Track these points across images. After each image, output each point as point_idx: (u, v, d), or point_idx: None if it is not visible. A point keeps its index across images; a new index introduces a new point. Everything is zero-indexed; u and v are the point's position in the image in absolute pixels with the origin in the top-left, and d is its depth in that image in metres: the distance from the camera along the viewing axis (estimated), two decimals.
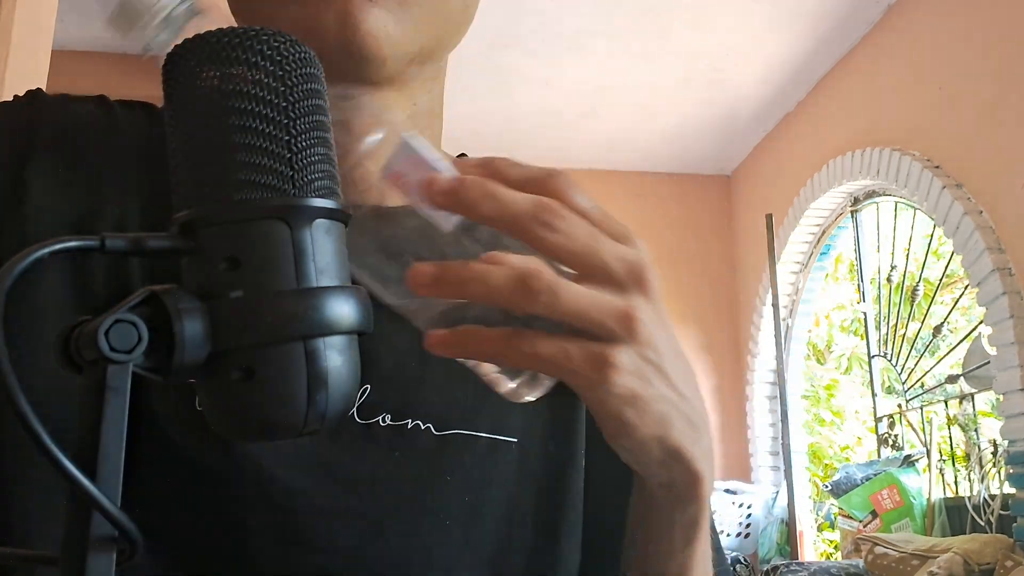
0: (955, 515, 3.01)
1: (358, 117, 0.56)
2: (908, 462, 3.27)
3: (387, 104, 0.56)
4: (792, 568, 3.09)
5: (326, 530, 0.51)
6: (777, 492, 3.99)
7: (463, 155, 0.69)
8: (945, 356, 3.91)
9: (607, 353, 0.38)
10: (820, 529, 4.47)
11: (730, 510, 3.92)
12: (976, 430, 3.15)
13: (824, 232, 4.09)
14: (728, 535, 3.89)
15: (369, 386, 0.53)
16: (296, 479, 0.51)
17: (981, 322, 2.86)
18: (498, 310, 0.39)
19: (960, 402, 3.23)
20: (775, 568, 3.17)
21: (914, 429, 3.48)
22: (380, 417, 0.52)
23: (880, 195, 3.65)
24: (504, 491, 0.54)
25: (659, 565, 0.47)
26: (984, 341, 2.96)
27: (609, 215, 0.41)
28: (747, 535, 3.92)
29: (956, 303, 4.21)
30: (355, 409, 0.52)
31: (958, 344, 3.66)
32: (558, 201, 0.40)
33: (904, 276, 3.64)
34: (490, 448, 0.54)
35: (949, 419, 3.26)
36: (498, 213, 0.38)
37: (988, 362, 2.87)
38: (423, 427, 0.53)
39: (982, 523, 2.82)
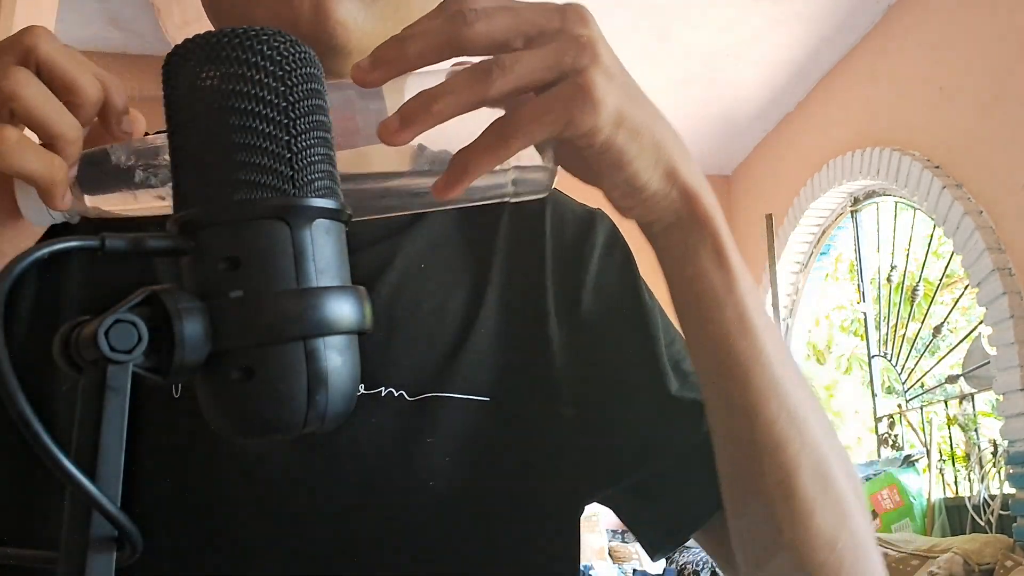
0: (955, 515, 3.01)
1: None
2: (908, 462, 3.27)
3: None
4: None
5: (309, 501, 0.52)
6: None
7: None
8: (945, 356, 3.91)
9: (581, 81, 0.38)
10: None
11: None
12: (976, 430, 3.15)
13: (824, 232, 4.09)
14: None
15: None
16: (276, 453, 0.52)
17: (981, 322, 2.86)
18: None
19: (960, 402, 3.23)
20: None
21: (914, 429, 3.48)
22: None
23: (880, 195, 3.65)
24: (482, 449, 0.55)
25: (713, 326, 0.45)
26: (984, 341, 2.96)
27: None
28: None
29: (956, 303, 4.21)
30: None
31: (958, 344, 3.66)
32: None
33: (904, 276, 3.64)
34: (464, 408, 0.55)
35: (949, 419, 3.26)
36: (422, 47, 0.38)
37: (988, 362, 2.87)
38: (396, 394, 0.54)
39: (982, 523, 2.82)
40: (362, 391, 0.53)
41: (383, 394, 0.54)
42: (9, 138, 0.39)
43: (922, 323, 3.65)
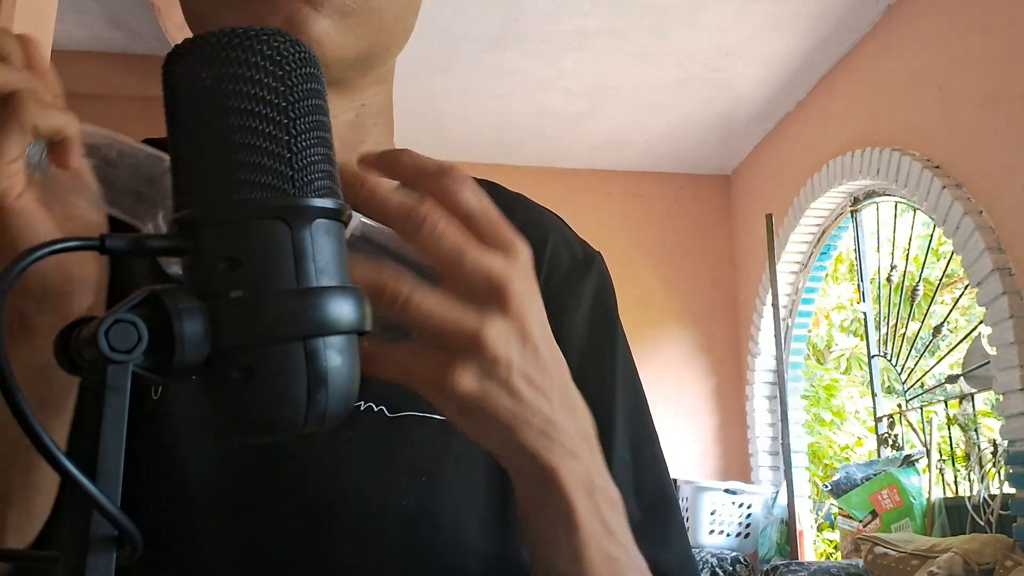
0: (955, 515, 3.01)
1: None
2: (908, 462, 3.27)
3: (332, 105, 0.58)
4: (792, 568, 3.09)
5: (277, 512, 0.52)
6: (777, 492, 3.99)
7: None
8: (945, 356, 3.91)
9: (448, 370, 0.38)
10: (820, 529, 4.47)
11: (730, 510, 3.92)
12: (976, 430, 3.15)
13: (824, 232, 4.09)
14: (728, 535, 3.89)
15: None
16: (245, 463, 0.52)
17: (981, 322, 2.86)
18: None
19: (960, 402, 3.23)
20: (775, 568, 3.17)
21: (914, 429, 3.48)
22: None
23: (880, 195, 3.65)
24: (457, 469, 0.55)
25: (548, 561, 0.45)
26: (984, 341, 2.96)
27: (496, 219, 0.41)
28: (747, 535, 3.92)
29: (956, 303, 4.21)
30: None
31: (958, 344, 3.66)
32: (444, 198, 0.40)
33: (904, 276, 3.64)
34: (441, 429, 0.55)
35: (949, 419, 3.26)
36: (372, 211, 0.39)
37: (988, 362, 2.87)
38: (376, 409, 0.54)
39: (982, 523, 2.82)
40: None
41: (362, 408, 0.54)
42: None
43: (922, 323, 3.65)
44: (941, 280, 4.13)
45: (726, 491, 3.95)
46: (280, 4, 0.53)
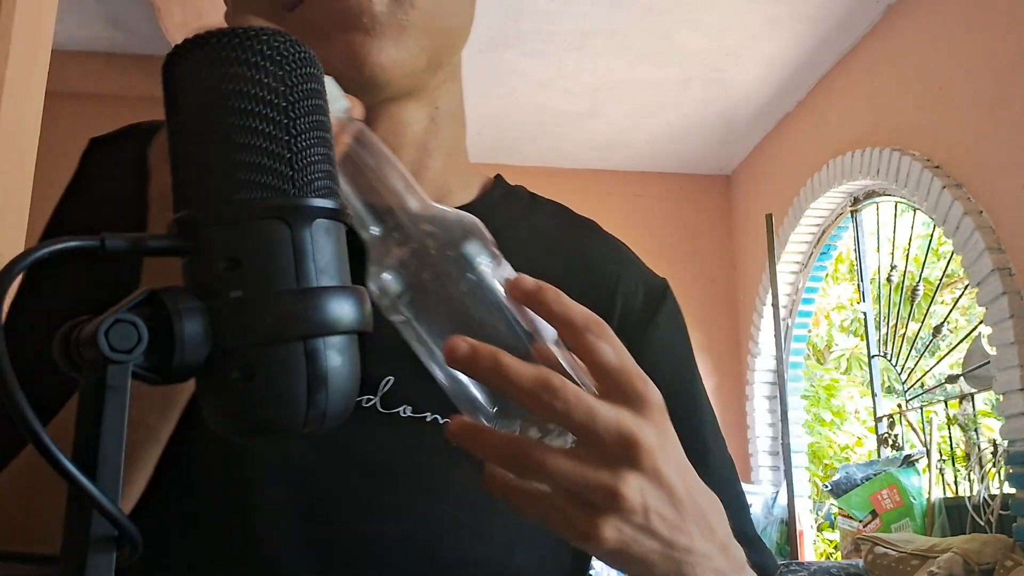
0: (955, 515, 3.01)
1: (379, 126, 0.58)
2: (908, 462, 3.27)
3: (407, 113, 0.60)
4: (792, 568, 3.09)
5: (340, 511, 0.53)
6: (777, 492, 3.99)
7: (498, 176, 0.71)
8: (945, 356, 3.91)
9: (588, 527, 0.41)
10: (820, 529, 4.47)
11: None
12: (976, 430, 3.15)
13: (824, 232, 4.09)
14: None
15: (392, 377, 0.55)
16: (316, 460, 0.53)
17: (981, 322, 2.86)
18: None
19: (960, 402, 3.23)
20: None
21: (914, 429, 3.48)
22: (401, 408, 0.55)
23: (880, 195, 3.65)
24: None
25: None
26: (984, 341, 2.96)
27: (630, 373, 0.43)
28: None
29: (956, 303, 4.21)
30: (378, 398, 0.55)
31: (958, 344, 3.66)
32: (586, 353, 0.43)
33: (904, 276, 3.64)
34: None
35: (949, 419, 3.25)
36: (503, 386, 0.41)
37: (988, 362, 2.87)
38: (441, 421, 0.55)
39: (982, 523, 2.82)
40: (409, 413, 0.55)
41: (428, 419, 0.55)
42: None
43: (922, 323, 3.65)
44: (941, 280, 4.13)
45: None
46: (336, 40, 0.53)
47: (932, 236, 4.25)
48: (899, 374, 3.56)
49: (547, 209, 0.72)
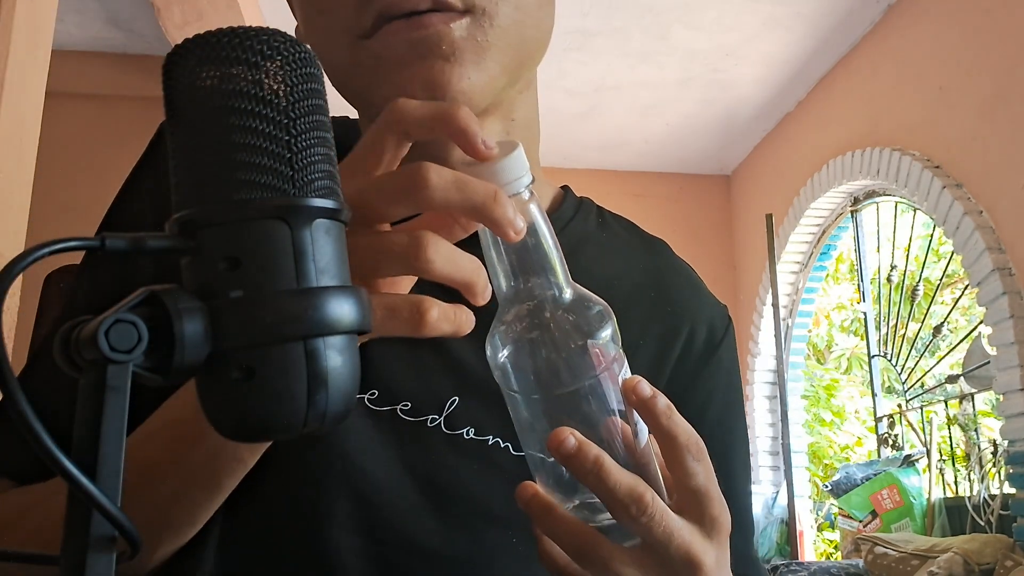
0: (955, 515, 3.01)
1: (456, 147, 0.57)
2: (908, 462, 3.27)
3: (486, 125, 0.59)
4: (792, 568, 3.09)
5: (402, 527, 0.54)
6: (777, 492, 3.99)
7: (566, 187, 0.71)
8: (945, 356, 3.91)
9: None
10: (820, 529, 4.47)
11: None
12: (976, 430, 3.15)
13: (824, 232, 4.09)
14: None
15: (457, 398, 0.56)
16: (381, 476, 0.54)
17: (981, 322, 2.86)
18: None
19: (960, 402, 3.23)
20: (775, 568, 3.18)
21: (914, 429, 3.48)
22: (465, 430, 0.56)
23: (880, 195, 3.65)
24: None
25: None
26: (984, 341, 2.96)
27: (708, 495, 0.46)
28: None
29: (956, 303, 4.21)
30: (443, 419, 0.56)
31: (958, 344, 3.66)
32: (678, 469, 0.45)
33: (904, 276, 3.64)
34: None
35: (949, 419, 3.26)
36: (599, 490, 0.42)
37: (988, 362, 2.87)
38: (503, 445, 0.56)
39: (982, 523, 2.82)
40: (472, 435, 0.56)
41: (490, 442, 0.56)
42: (429, 315, 0.40)
43: (922, 323, 3.65)
44: (941, 280, 4.13)
45: None
46: (416, 68, 0.52)
47: (932, 236, 4.25)
48: (899, 374, 3.56)
49: (618, 224, 0.72)
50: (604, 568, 0.43)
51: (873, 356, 3.85)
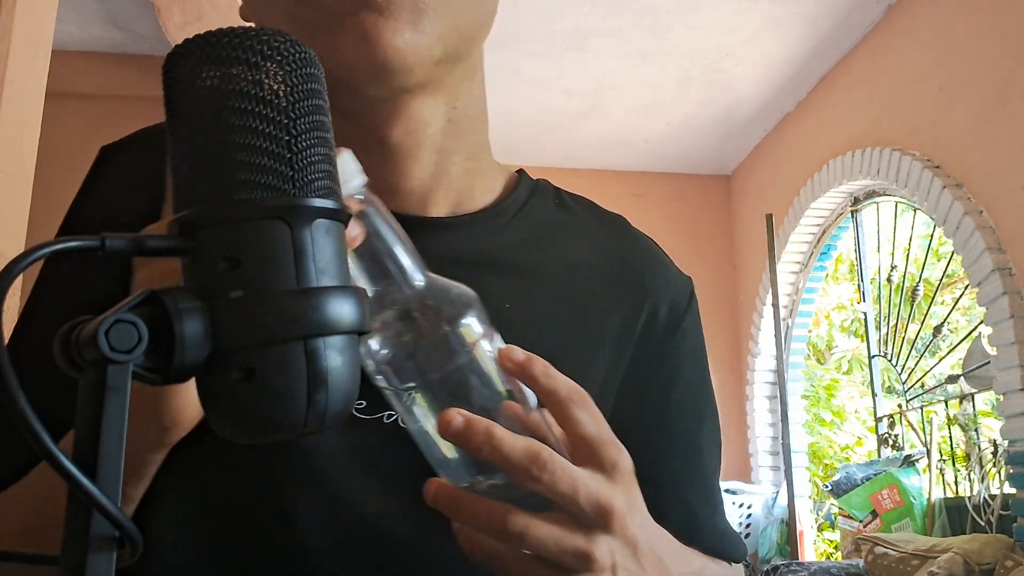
0: (955, 515, 3.01)
1: (396, 124, 0.57)
2: (908, 462, 3.27)
3: (424, 111, 0.58)
4: (792, 568, 3.09)
5: (373, 524, 0.54)
6: (777, 492, 3.99)
7: (520, 171, 0.71)
8: (945, 356, 3.91)
9: (589, 547, 0.45)
10: (820, 529, 4.47)
11: (730, 510, 3.92)
12: (976, 430, 3.15)
13: (824, 232, 4.08)
14: None
15: None
16: (341, 474, 0.54)
17: (981, 322, 2.86)
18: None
19: (960, 402, 3.23)
20: (775, 568, 3.17)
21: (914, 429, 3.48)
22: None
23: (880, 195, 3.65)
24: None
25: None
26: (984, 341, 2.96)
27: (605, 440, 0.47)
28: (747, 535, 3.92)
29: (956, 303, 4.21)
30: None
31: (958, 344, 3.66)
32: (567, 423, 0.46)
33: (904, 276, 3.64)
34: None
35: (949, 419, 3.25)
36: (495, 459, 0.43)
37: (988, 362, 2.87)
38: None
39: (982, 523, 2.82)
40: None
41: None
42: None
43: (922, 323, 3.65)
44: (941, 280, 4.13)
45: (726, 491, 3.95)
46: (349, 23, 0.51)
47: (932, 236, 4.25)
48: (899, 374, 3.56)
49: (577, 205, 0.72)
50: (523, 539, 0.43)
51: (873, 356, 3.85)
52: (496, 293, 0.60)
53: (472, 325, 0.46)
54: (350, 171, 0.43)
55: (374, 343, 0.45)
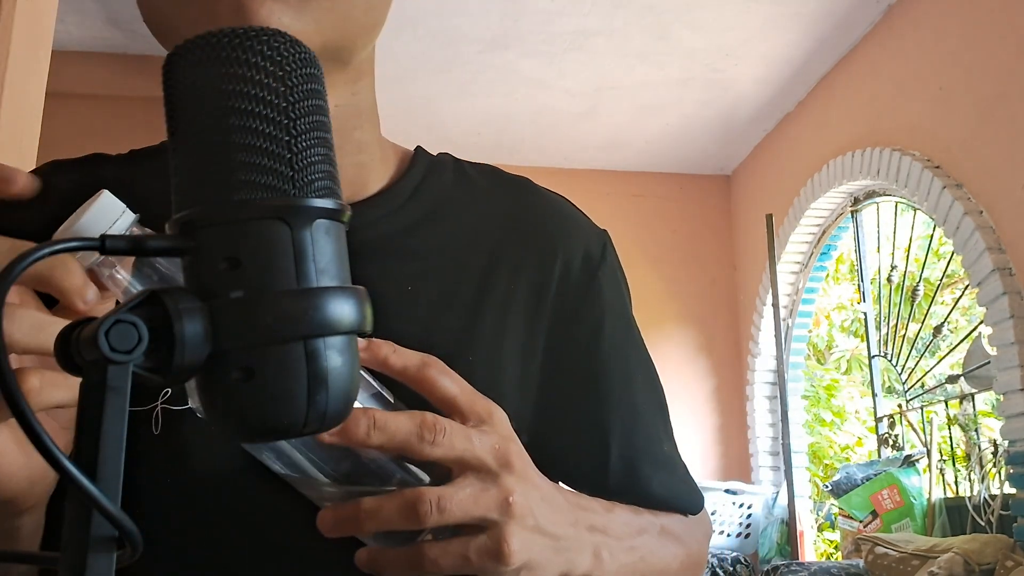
0: (955, 515, 3.01)
1: None
2: (908, 462, 3.27)
3: None
4: (792, 568, 3.09)
5: (284, 533, 0.53)
6: (777, 492, 3.99)
7: (417, 148, 0.68)
8: (945, 356, 3.91)
9: (497, 544, 0.45)
10: (820, 529, 4.47)
11: (730, 510, 3.92)
12: (976, 430, 3.15)
13: (824, 232, 4.08)
14: (728, 535, 3.89)
15: None
16: (257, 484, 0.53)
17: (981, 322, 2.86)
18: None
19: (960, 402, 3.23)
20: (775, 568, 3.17)
21: (914, 429, 3.48)
22: None
23: (880, 195, 3.65)
24: None
25: None
26: (984, 341, 2.96)
27: (471, 396, 0.47)
28: (747, 535, 3.92)
29: (956, 303, 4.21)
30: None
31: (958, 344, 3.66)
32: (429, 387, 0.46)
33: (904, 276, 3.64)
34: None
35: (949, 419, 3.25)
36: (387, 441, 0.43)
37: (988, 362, 2.87)
38: None
39: (982, 523, 2.82)
40: None
41: None
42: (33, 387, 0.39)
43: (922, 323, 3.65)
44: (941, 280, 4.13)
45: (726, 491, 3.95)
46: None
47: (932, 236, 4.25)
48: (899, 374, 3.56)
49: (478, 173, 0.69)
50: (443, 514, 0.43)
51: (873, 356, 3.85)
52: (397, 277, 0.59)
53: None
54: (116, 209, 0.40)
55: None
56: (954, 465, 3.25)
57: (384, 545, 0.46)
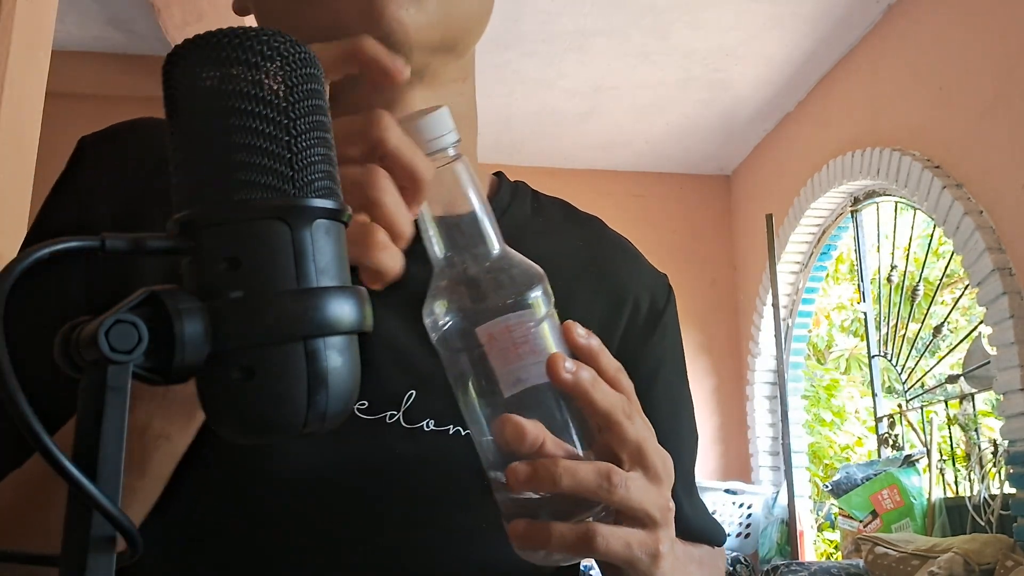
0: (955, 515, 3.01)
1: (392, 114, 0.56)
2: (908, 462, 3.27)
3: (419, 103, 0.58)
4: (792, 568, 3.09)
5: (353, 522, 0.54)
6: (777, 492, 3.99)
7: (499, 173, 0.71)
8: (945, 356, 3.91)
9: (656, 543, 0.47)
10: (820, 529, 4.47)
11: (730, 510, 3.92)
12: (976, 430, 3.15)
13: (824, 232, 4.09)
14: (728, 535, 3.89)
15: (414, 392, 0.56)
16: (331, 475, 0.54)
17: (981, 322, 2.86)
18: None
19: (960, 402, 3.23)
20: (775, 568, 3.17)
21: (914, 429, 3.48)
22: (425, 422, 0.56)
23: (880, 195, 3.65)
24: None
25: None
26: (984, 341, 2.96)
27: (653, 444, 0.48)
28: (747, 535, 3.92)
29: (956, 303, 4.21)
30: (401, 414, 0.56)
31: (958, 344, 3.66)
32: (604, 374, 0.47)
33: (904, 276, 3.64)
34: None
35: (949, 419, 3.26)
36: (571, 487, 0.44)
37: (988, 362, 2.87)
38: (463, 433, 0.56)
39: (982, 523, 2.82)
40: (432, 427, 0.56)
41: (451, 432, 0.56)
42: (380, 242, 0.41)
43: (922, 323, 3.65)
44: (941, 280, 4.13)
45: (726, 491, 3.95)
46: None
47: (932, 236, 4.26)
48: (899, 374, 3.56)
49: (553, 207, 0.72)
50: (608, 554, 0.45)
51: (873, 356, 3.85)
52: None
53: (538, 300, 0.46)
54: (446, 125, 0.44)
55: (439, 306, 0.45)
56: (954, 465, 3.25)
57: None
